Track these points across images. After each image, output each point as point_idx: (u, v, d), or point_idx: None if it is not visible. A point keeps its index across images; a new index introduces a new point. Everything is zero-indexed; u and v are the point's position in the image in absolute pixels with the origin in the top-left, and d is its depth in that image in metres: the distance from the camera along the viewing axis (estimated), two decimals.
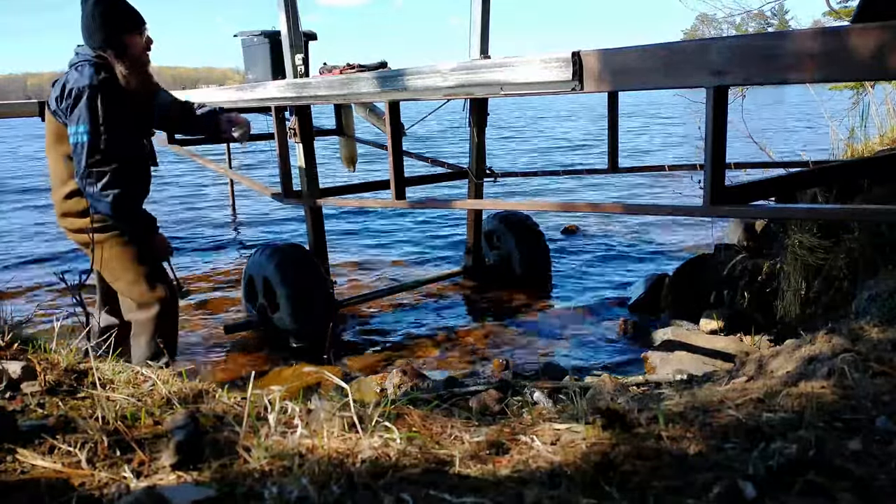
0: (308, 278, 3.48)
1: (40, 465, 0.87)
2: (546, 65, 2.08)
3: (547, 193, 8.53)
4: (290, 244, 3.77)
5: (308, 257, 3.62)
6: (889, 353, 1.51)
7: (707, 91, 1.74)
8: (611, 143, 3.44)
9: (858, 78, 2.73)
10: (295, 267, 3.47)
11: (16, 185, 10.76)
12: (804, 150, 4.83)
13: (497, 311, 4.18)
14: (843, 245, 2.81)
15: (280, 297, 3.44)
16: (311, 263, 3.56)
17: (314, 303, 3.46)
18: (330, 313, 3.56)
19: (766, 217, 3.72)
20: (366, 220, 7.16)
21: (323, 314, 3.46)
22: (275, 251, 3.55)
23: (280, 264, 3.45)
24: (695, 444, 1.02)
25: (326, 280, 3.64)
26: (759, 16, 11.75)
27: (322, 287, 3.53)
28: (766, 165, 3.68)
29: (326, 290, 3.58)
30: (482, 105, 4.07)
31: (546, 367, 3.07)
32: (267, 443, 0.93)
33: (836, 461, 0.93)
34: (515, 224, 4.59)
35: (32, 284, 4.87)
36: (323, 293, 3.52)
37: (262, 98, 3.57)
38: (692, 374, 2.65)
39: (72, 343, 1.43)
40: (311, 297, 3.45)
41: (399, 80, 2.70)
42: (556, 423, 1.13)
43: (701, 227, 6.10)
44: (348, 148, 5.27)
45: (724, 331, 3.30)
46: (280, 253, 3.53)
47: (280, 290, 3.43)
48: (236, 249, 6.08)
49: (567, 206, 2.68)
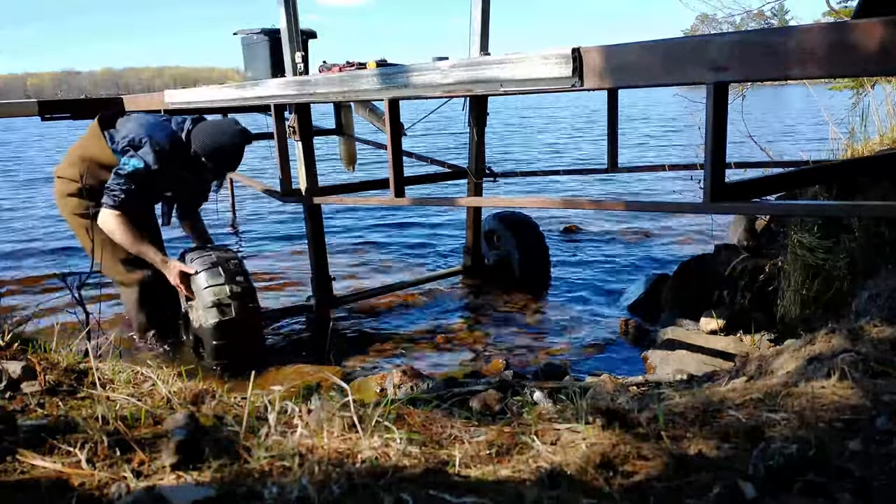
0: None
1: (40, 465, 0.87)
2: (546, 61, 2.08)
3: (547, 194, 8.53)
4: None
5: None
6: (889, 353, 1.51)
7: (707, 87, 1.74)
8: (610, 143, 3.44)
9: (862, 74, 2.73)
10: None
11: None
12: (804, 150, 4.83)
13: (497, 311, 4.18)
14: (844, 245, 2.81)
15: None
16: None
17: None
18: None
19: (766, 213, 3.71)
20: (365, 219, 7.16)
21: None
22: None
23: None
24: (695, 444, 1.02)
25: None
26: (759, 16, 11.74)
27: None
28: (766, 165, 3.67)
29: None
30: (481, 103, 4.07)
31: (546, 367, 3.06)
32: (267, 443, 0.93)
33: (836, 461, 0.93)
34: (515, 224, 4.59)
35: (32, 284, 4.87)
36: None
37: (263, 95, 3.57)
38: (692, 374, 2.65)
39: (72, 343, 1.43)
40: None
41: (399, 77, 2.70)
42: (556, 423, 1.13)
43: (701, 228, 6.10)
44: (348, 148, 5.27)
45: (725, 331, 3.30)
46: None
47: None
48: (236, 248, 6.08)
49: (567, 203, 2.67)
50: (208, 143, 3.06)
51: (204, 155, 3.08)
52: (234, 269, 3.09)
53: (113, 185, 2.99)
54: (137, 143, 3.02)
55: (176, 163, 3.07)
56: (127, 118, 3.25)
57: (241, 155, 3.19)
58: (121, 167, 3.00)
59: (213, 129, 3.09)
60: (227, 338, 3.00)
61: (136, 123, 3.14)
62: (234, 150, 3.12)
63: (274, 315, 3.86)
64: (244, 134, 3.14)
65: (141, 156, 2.99)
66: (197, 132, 3.09)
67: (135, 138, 3.03)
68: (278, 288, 4.77)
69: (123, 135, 3.08)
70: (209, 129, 3.09)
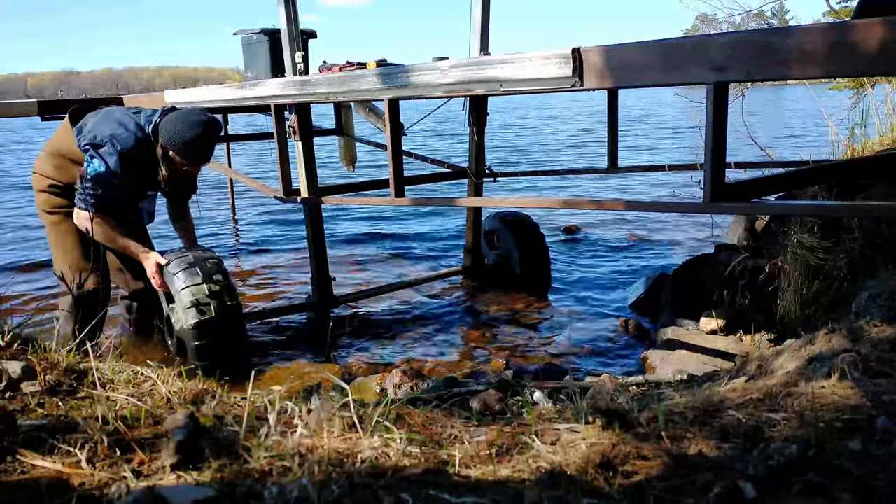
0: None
1: (40, 465, 0.87)
2: (546, 61, 2.08)
3: (547, 194, 8.53)
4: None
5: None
6: (889, 353, 1.51)
7: (707, 87, 1.74)
8: (611, 143, 3.44)
9: (862, 74, 2.72)
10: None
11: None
12: (804, 150, 4.82)
13: (497, 311, 4.18)
14: (844, 245, 2.81)
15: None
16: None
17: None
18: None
19: (766, 213, 3.71)
20: (365, 219, 7.16)
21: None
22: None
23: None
24: (695, 444, 1.02)
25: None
26: (759, 16, 11.74)
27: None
28: (766, 165, 3.67)
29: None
30: (481, 104, 4.07)
31: (546, 367, 3.06)
32: (267, 443, 0.93)
33: (836, 461, 0.93)
34: (515, 224, 4.59)
35: (32, 286, 4.87)
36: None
37: (263, 95, 3.57)
38: (692, 374, 2.65)
39: (71, 343, 1.43)
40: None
41: (399, 77, 2.70)
42: (556, 423, 1.13)
43: (701, 228, 6.11)
44: (348, 148, 5.27)
45: (725, 331, 3.30)
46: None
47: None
48: (236, 248, 6.08)
49: (567, 203, 2.67)
50: (174, 136, 2.90)
51: (172, 148, 2.92)
52: (212, 268, 3.03)
53: (80, 188, 2.88)
54: (99, 142, 2.86)
55: (141, 162, 2.93)
56: (95, 112, 3.07)
57: (211, 145, 3.04)
58: (84, 169, 2.88)
59: (179, 121, 2.92)
60: (208, 337, 2.94)
61: (100, 119, 2.97)
62: (203, 141, 2.95)
63: (274, 315, 3.87)
64: (212, 124, 2.96)
65: (103, 156, 2.84)
66: (163, 125, 2.93)
67: (97, 136, 2.88)
68: (278, 288, 4.77)
69: (88, 130, 2.93)
70: (175, 121, 2.92)
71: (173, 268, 3.01)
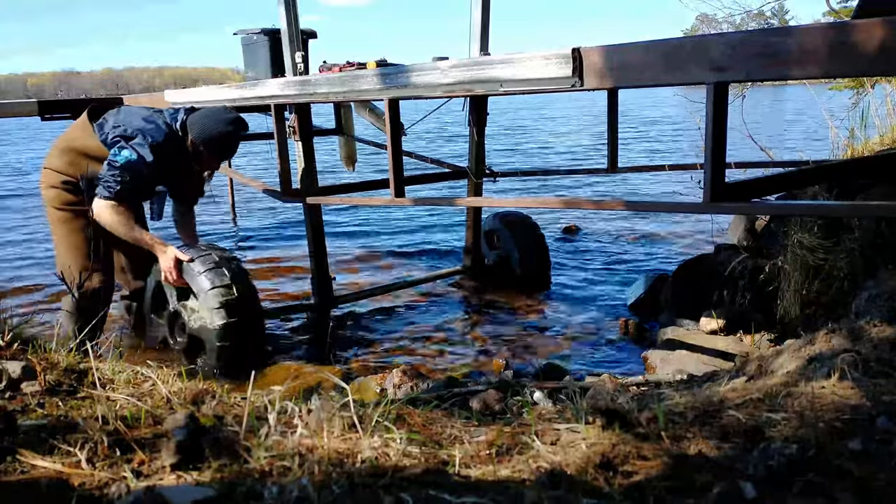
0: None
1: (40, 465, 0.87)
2: (546, 61, 2.08)
3: (547, 193, 8.53)
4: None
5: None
6: (889, 353, 1.51)
7: (708, 87, 1.74)
8: (610, 143, 3.44)
9: (862, 74, 2.73)
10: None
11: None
12: (804, 150, 4.82)
13: (497, 311, 4.18)
14: (844, 245, 2.81)
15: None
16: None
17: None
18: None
19: (766, 213, 3.72)
20: (365, 219, 7.16)
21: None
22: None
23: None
24: (695, 444, 1.02)
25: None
26: (759, 16, 11.74)
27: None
28: (766, 165, 3.67)
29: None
30: (481, 104, 4.06)
31: (546, 367, 3.06)
32: (267, 443, 0.93)
33: (836, 461, 0.93)
34: (515, 224, 4.59)
35: (32, 284, 4.87)
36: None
37: (263, 95, 3.57)
38: (692, 374, 2.65)
39: (72, 343, 1.43)
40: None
41: (399, 77, 2.70)
42: (556, 423, 1.13)
43: (701, 228, 6.10)
44: (348, 148, 5.26)
45: (725, 331, 3.30)
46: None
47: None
48: (235, 248, 6.08)
49: (567, 203, 2.68)
50: (206, 132, 3.03)
51: (202, 143, 3.05)
52: (237, 270, 3.09)
53: (107, 176, 2.93)
54: (131, 134, 2.96)
55: (170, 155, 3.02)
56: (116, 110, 3.18)
57: (238, 141, 3.20)
58: (113, 159, 2.94)
59: (210, 118, 3.07)
60: (233, 339, 2.98)
61: (127, 115, 3.08)
62: (231, 137, 3.11)
63: (274, 315, 3.87)
64: (240, 121, 3.13)
65: (134, 147, 2.93)
66: (193, 121, 3.06)
67: (126, 129, 2.97)
68: (278, 288, 4.77)
69: (113, 125, 3.02)
70: (206, 118, 3.07)
71: (198, 266, 3.02)
